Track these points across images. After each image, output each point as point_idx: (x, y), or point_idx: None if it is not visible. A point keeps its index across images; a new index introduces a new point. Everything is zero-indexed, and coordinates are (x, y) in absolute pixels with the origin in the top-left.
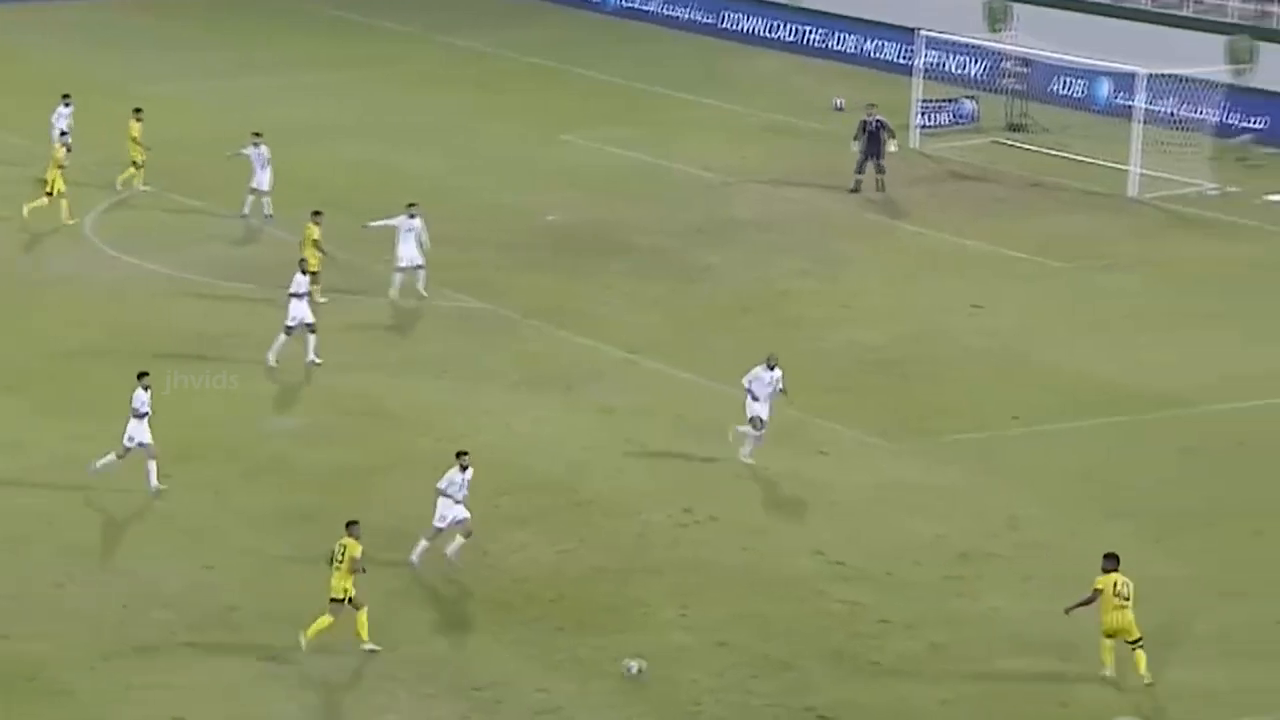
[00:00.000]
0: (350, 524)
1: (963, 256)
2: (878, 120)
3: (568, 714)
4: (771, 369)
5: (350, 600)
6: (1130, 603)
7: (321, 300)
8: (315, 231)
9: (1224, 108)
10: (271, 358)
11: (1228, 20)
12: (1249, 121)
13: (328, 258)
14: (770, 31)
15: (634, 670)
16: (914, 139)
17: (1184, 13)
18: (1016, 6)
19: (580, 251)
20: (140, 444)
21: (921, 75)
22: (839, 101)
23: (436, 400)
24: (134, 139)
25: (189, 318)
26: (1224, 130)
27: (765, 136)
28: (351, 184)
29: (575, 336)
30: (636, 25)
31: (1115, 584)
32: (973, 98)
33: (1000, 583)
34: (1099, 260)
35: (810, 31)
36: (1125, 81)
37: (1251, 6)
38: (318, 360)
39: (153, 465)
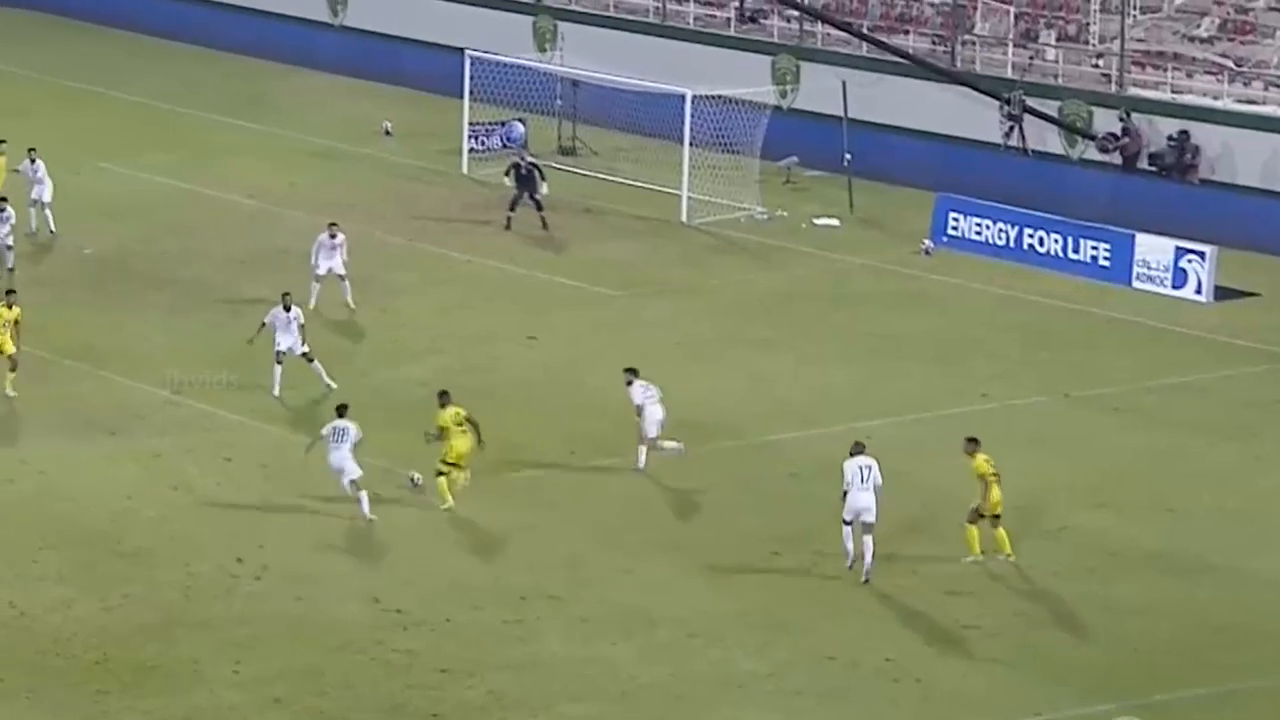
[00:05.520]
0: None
1: (515, 285)
2: (530, 163)
3: None
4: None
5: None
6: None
7: (11, 394)
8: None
9: (770, 130)
10: (276, 389)
11: (772, 40)
12: (794, 143)
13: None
14: (313, 51)
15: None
16: (465, 164)
17: (729, 33)
18: (564, 26)
19: (119, 286)
20: None
21: (469, 98)
22: (387, 125)
23: None
24: None
25: None
26: (770, 152)
27: (313, 162)
28: None
29: (116, 376)
30: (173, 45)
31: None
32: (523, 120)
33: (559, 625)
34: (650, 287)
35: (355, 52)
36: (674, 103)
37: (793, 27)
38: (332, 385)
39: None
